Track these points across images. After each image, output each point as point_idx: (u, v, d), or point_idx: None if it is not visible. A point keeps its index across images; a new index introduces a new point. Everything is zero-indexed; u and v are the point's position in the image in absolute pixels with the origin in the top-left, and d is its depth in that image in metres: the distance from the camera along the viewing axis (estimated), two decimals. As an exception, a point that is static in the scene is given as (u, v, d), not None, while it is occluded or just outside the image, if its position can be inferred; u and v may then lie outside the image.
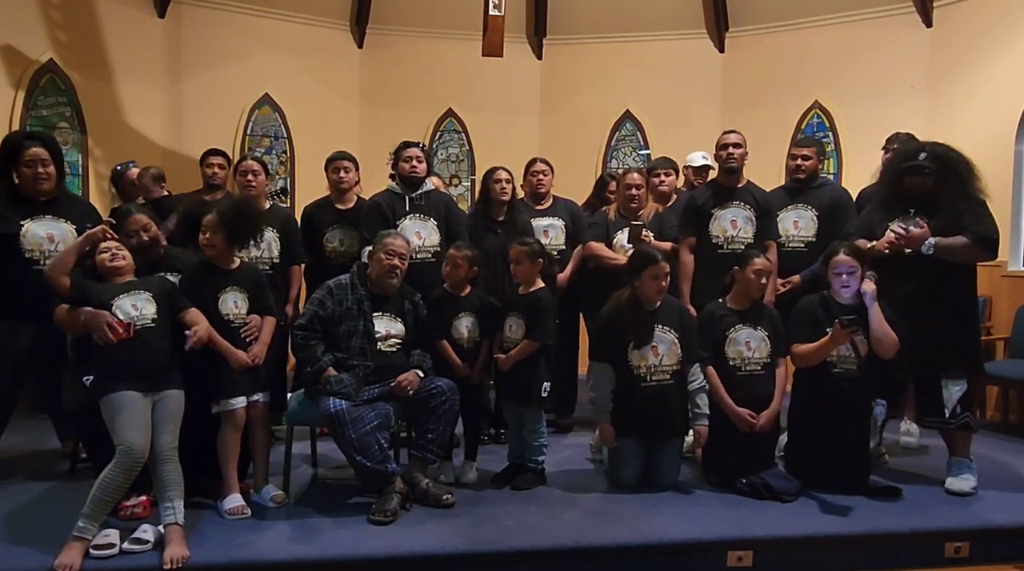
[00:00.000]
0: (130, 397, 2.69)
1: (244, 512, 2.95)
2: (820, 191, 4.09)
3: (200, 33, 6.07)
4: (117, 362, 2.74)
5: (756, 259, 3.45)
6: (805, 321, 3.40)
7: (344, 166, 4.20)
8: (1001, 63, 5.27)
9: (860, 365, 3.32)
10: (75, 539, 2.50)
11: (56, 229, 3.34)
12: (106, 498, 2.55)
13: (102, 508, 2.55)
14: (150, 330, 2.82)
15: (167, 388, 2.80)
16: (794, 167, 4.09)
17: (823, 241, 3.86)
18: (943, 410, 3.37)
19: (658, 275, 3.35)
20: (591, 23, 6.87)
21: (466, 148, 7.01)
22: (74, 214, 3.41)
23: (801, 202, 4.05)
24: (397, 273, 3.30)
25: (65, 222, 3.36)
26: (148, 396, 2.74)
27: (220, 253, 3.11)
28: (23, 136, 3.39)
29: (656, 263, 3.35)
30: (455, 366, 3.46)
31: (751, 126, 5.45)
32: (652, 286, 3.36)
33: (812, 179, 4.10)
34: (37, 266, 3.27)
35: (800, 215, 4.05)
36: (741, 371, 3.42)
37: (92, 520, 2.53)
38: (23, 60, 5.17)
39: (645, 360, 3.37)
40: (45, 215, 3.34)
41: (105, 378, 2.73)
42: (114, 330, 2.73)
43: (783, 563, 2.87)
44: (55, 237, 3.33)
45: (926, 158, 3.37)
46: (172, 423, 2.76)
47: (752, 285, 3.43)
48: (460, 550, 2.71)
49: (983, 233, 3.29)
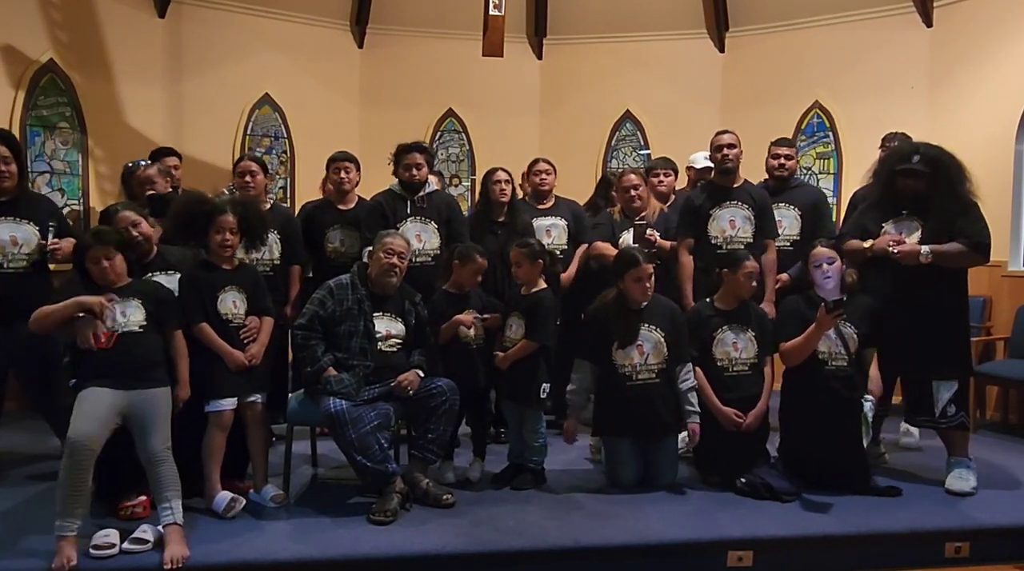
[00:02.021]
0: (93, 392, 2.68)
1: (238, 503, 2.96)
2: (800, 191, 4.17)
3: (200, 33, 6.06)
4: (92, 363, 2.74)
5: (747, 262, 3.45)
6: (792, 319, 3.40)
7: (345, 166, 4.20)
8: (1001, 63, 5.26)
9: (851, 362, 3.33)
10: (59, 539, 2.50)
11: (19, 231, 3.29)
12: (68, 492, 2.52)
13: (69, 503, 2.51)
14: (135, 335, 2.81)
15: (148, 386, 2.76)
16: (776, 166, 4.13)
17: (807, 239, 3.88)
18: (934, 409, 3.40)
19: (641, 277, 3.34)
20: (591, 23, 6.86)
21: (466, 148, 7.01)
22: (36, 214, 3.36)
23: (783, 201, 4.11)
24: (396, 272, 3.30)
25: (28, 223, 3.32)
26: (120, 392, 2.70)
27: (232, 253, 3.12)
28: None
29: (638, 265, 3.34)
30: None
31: (751, 126, 5.46)
32: (635, 288, 3.36)
33: (790, 179, 4.17)
34: (1, 270, 3.24)
35: (783, 214, 4.09)
36: (728, 371, 3.43)
37: (65, 517, 2.51)
38: (23, 60, 5.17)
39: (630, 359, 3.37)
40: (6, 217, 3.28)
41: (81, 378, 2.74)
42: (97, 339, 2.72)
43: (783, 563, 2.87)
44: (18, 239, 3.28)
45: (919, 161, 3.38)
46: (161, 423, 2.73)
47: (743, 288, 3.44)
48: (460, 550, 2.71)
49: (978, 239, 3.34)
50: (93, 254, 2.81)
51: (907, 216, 3.45)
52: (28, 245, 3.28)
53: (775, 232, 3.98)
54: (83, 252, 2.86)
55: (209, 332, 3.02)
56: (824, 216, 4.13)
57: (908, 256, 3.31)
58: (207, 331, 3.02)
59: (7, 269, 3.26)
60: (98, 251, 2.81)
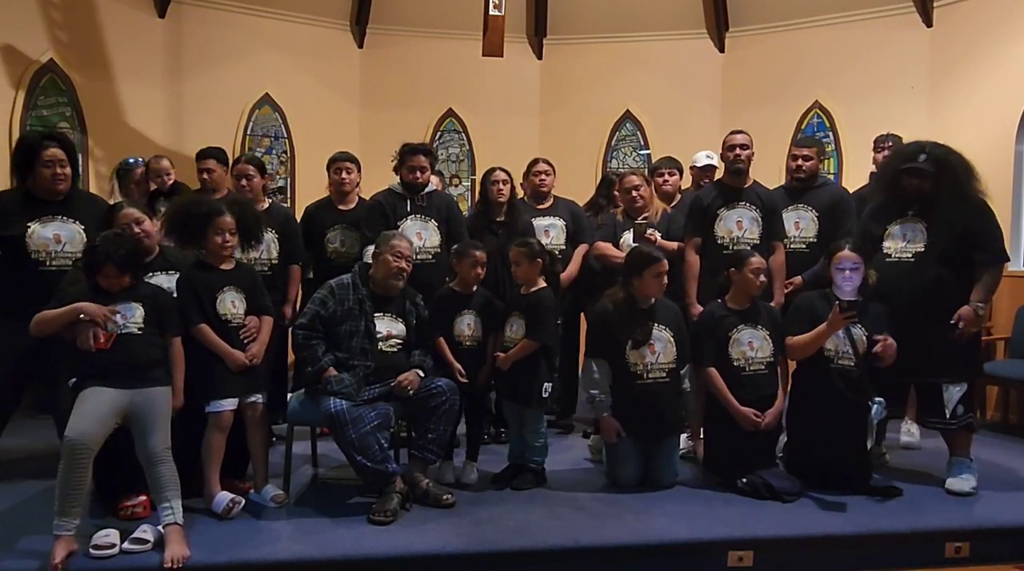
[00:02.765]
0: (93, 391, 2.67)
1: (237, 504, 2.95)
2: (820, 191, 4.09)
3: (200, 33, 6.07)
4: (92, 363, 2.73)
5: (751, 258, 3.45)
6: (803, 316, 3.40)
7: (346, 167, 4.20)
8: (1001, 63, 5.27)
9: (858, 363, 3.32)
10: (56, 538, 2.50)
11: (64, 230, 3.32)
12: (65, 491, 2.51)
13: (67, 502, 2.51)
14: (134, 337, 2.80)
15: (148, 385, 2.76)
16: (795, 167, 4.09)
17: (824, 242, 3.85)
18: (944, 411, 3.38)
19: (661, 273, 3.37)
20: (591, 23, 6.87)
21: (466, 148, 7.01)
22: (86, 214, 3.38)
23: (802, 203, 4.06)
24: (403, 275, 3.30)
25: (75, 223, 3.34)
26: (120, 391, 2.70)
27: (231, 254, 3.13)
28: (41, 136, 3.37)
29: (659, 261, 3.37)
30: (452, 369, 3.43)
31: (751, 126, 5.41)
32: (654, 284, 3.37)
33: (812, 179, 4.10)
34: (43, 267, 3.26)
35: (801, 216, 4.05)
36: (745, 371, 3.42)
37: (63, 516, 2.51)
38: (23, 60, 5.18)
39: (643, 358, 3.37)
40: (56, 216, 3.32)
41: (81, 378, 2.74)
42: (96, 339, 2.72)
43: (783, 563, 2.87)
44: (62, 238, 3.31)
45: (925, 160, 3.36)
46: (161, 423, 2.72)
47: (751, 284, 3.43)
48: (460, 550, 2.71)
49: (996, 252, 3.37)
50: (108, 270, 2.81)
51: (912, 217, 3.44)
52: (72, 244, 3.29)
53: (783, 234, 3.96)
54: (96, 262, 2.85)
55: (209, 333, 3.01)
56: (843, 216, 3.98)
57: (972, 323, 3.31)
58: (207, 332, 3.01)
59: (50, 267, 3.26)
60: (112, 268, 2.81)
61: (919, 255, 3.39)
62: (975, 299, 3.32)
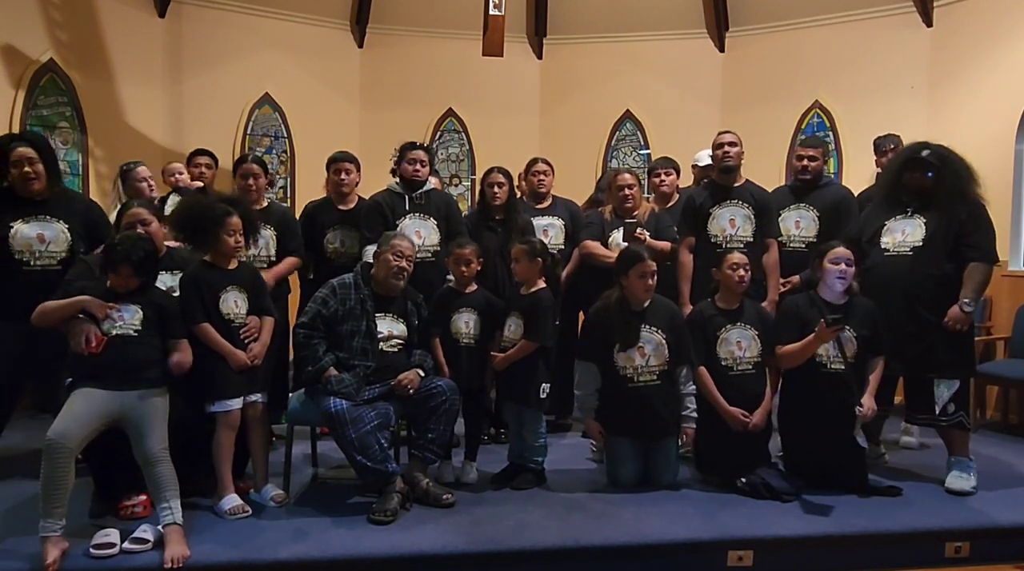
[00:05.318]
0: (84, 392, 2.68)
1: (244, 511, 2.96)
2: (823, 191, 4.09)
3: (200, 33, 6.07)
4: (87, 364, 2.74)
5: (729, 254, 3.46)
6: (791, 322, 3.40)
7: (346, 167, 4.19)
8: (1001, 63, 5.26)
9: (847, 366, 3.33)
10: (43, 539, 2.50)
11: (47, 229, 3.31)
12: (48, 491, 2.51)
13: (49, 503, 2.51)
14: (130, 338, 2.80)
15: (142, 387, 2.76)
16: (800, 167, 4.09)
17: (824, 241, 3.85)
18: (934, 407, 3.40)
19: (645, 273, 3.35)
20: (591, 23, 6.87)
21: (466, 148, 7.01)
22: (68, 213, 3.38)
23: (804, 202, 4.06)
24: (404, 275, 3.31)
25: (58, 222, 3.34)
26: (112, 393, 2.70)
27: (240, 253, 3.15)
28: (10, 138, 3.38)
29: (643, 261, 3.35)
30: (440, 368, 3.42)
31: (751, 126, 5.47)
32: (640, 284, 3.36)
33: (817, 179, 4.10)
34: (27, 267, 3.26)
35: (802, 215, 4.06)
36: (733, 371, 3.42)
37: (47, 517, 2.51)
38: (23, 60, 5.17)
39: (632, 361, 3.37)
40: (38, 215, 3.31)
41: (77, 378, 2.75)
42: (88, 342, 2.73)
43: (783, 563, 2.87)
44: (46, 237, 3.31)
45: (929, 154, 3.40)
46: (158, 424, 2.72)
47: (732, 280, 3.43)
48: (460, 550, 2.71)
49: (987, 249, 3.37)
50: (123, 270, 2.82)
51: (911, 214, 3.45)
52: (57, 244, 3.30)
53: (777, 232, 3.97)
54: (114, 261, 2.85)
55: (211, 332, 3.01)
56: (845, 215, 3.97)
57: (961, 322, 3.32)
58: (209, 331, 3.01)
59: (34, 266, 3.27)
60: (127, 269, 2.82)
61: (917, 249, 3.41)
62: (962, 297, 3.33)
